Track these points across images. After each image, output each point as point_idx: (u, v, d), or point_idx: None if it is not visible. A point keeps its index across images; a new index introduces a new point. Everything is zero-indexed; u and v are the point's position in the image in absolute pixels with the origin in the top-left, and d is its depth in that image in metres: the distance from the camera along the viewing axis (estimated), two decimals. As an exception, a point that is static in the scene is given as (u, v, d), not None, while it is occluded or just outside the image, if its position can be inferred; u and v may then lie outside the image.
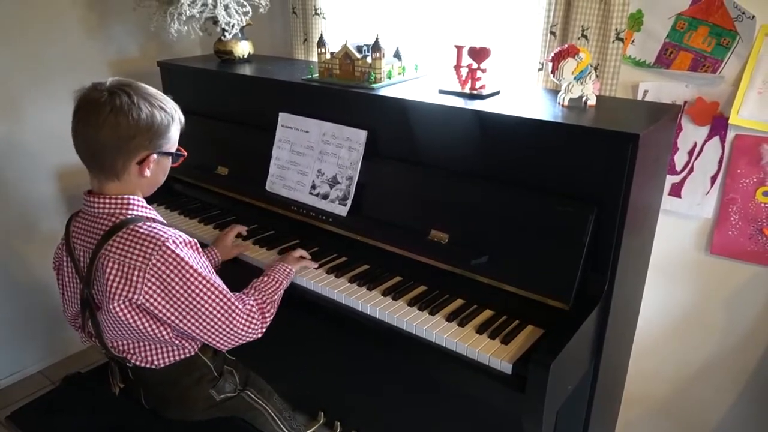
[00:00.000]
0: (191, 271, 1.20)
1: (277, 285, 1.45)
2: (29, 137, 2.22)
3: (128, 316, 1.20)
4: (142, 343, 1.31)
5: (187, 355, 1.35)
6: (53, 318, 2.41)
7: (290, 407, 1.58)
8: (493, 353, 1.28)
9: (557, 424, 1.48)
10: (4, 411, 2.09)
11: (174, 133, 1.30)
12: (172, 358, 1.34)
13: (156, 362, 1.33)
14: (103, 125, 1.18)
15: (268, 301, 1.38)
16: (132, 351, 1.32)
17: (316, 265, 1.62)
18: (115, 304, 1.18)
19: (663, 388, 1.91)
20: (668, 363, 1.87)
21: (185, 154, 1.35)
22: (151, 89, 1.27)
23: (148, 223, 1.23)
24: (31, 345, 2.45)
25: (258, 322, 1.31)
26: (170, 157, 1.32)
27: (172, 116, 1.28)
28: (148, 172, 1.26)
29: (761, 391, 1.75)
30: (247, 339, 1.31)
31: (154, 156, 1.26)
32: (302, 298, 1.56)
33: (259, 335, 1.33)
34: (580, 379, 1.43)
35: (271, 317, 1.36)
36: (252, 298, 1.36)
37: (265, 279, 1.45)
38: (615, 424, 2.00)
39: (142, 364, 1.33)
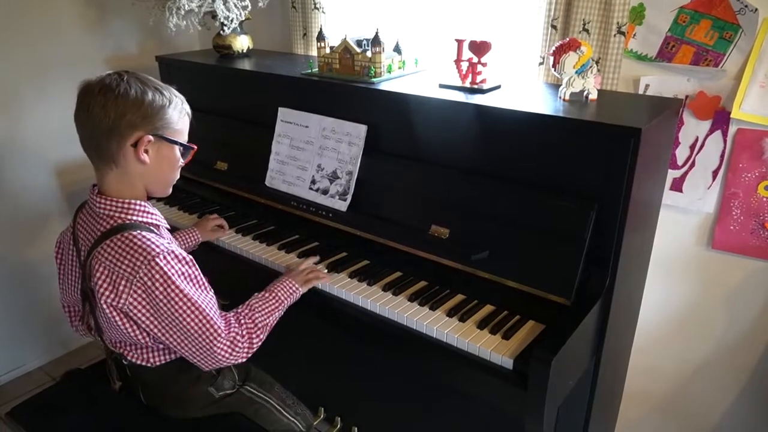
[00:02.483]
0: (177, 290, 1.16)
1: (276, 305, 1.37)
2: (28, 134, 2.21)
3: (116, 316, 1.19)
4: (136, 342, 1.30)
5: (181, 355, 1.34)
6: (53, 314, 2.40)
7: (293, 394, 1.57)
8: (494, 348, 1.27)
9: (558, 419, 1.47)
10: (4, 407, 2.09)
11: (174, 118, 1.24)
12: (167, 357, 1.33)
13: (152, 360, 1.32)
14: (94, 105, 1.17)
15: (260, 325, 1.30)
16: (128, 348, 1.32)
17: (328, 279, 1.55)
18: (103, 304, 1.18)
19: (664, 384, 1.91)
20: (669, 359, 1.87)
21: (194, 147, 1.30)
22: (153, 79, 1.25)
23: (145, 233, 1.20)
24: (31, 341, 2.44)
25: (243, 349, 1.25)
26: (175, 148, 1.26)
27: (170, 99, 1.23)
28: (145, 157, 1.21)
29: (762, 387, 1.74)
30: (230, 363, 1.25)
31: (150, 138, 1.20)
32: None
33: (243, 360, 1.27)
34: (581, 375, 1.43)
35: (260, 342, 1.30)
36: (242, 321, 1.29)
37: (266, 296, 1.38)
38: (615, 420, 2.00)
39: (138, 362, 1.32)
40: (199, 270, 1.25)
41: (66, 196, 2.37)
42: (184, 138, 1.29)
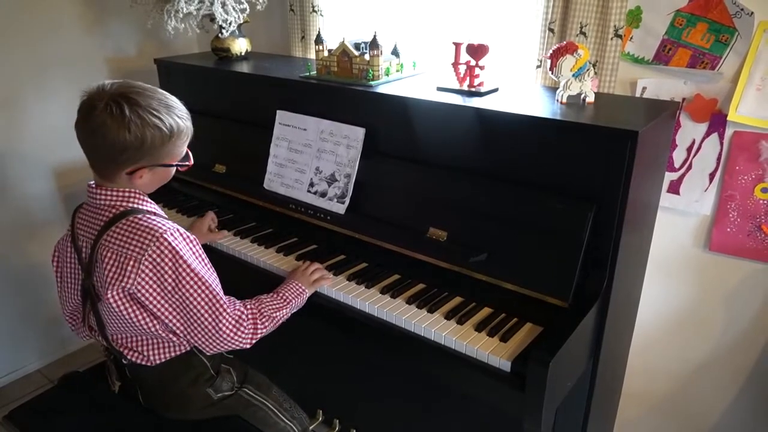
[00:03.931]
0: (184, 265, 1.20)
1: (284, 303, 1.39)
2: (26, 135, 2.21)
3: (121, 306, 1.20)
4: (138, 338, 1.31)
5: (182, 351, 1.35)
6: (51, 317, 2.40)
7: (291, 398, 1.57)
8: (491, 351, 1.27)
9: (557, 420, 1.48)
10: (2, 410, 2.09)
11: (174, 147, 1.26)
12: (167, 354, 1.34)
13: (152, 358, 1.33)
14: (95, 133, 1.19)
15: (265, 314, 1.32)
16: (129, 345, 1.32)
17: (331, 282, 1.55)
18: (110, 294, 1.19)
19: (662, 385, 1.91)
20: (667, 360, 1.87)
21: (189, 164, 1.33)
22: (156, 100, 1.23)
23: (149, 216, 1.24)
24: (29, 344, 2.44)
25: (247, 332, 1.27)
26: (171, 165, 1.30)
27: (170, 132, 1.23)
28: (140, 182, 1.26)
29: (760, 387, 1.75)
30: (233, 346, 1.27)
31: (145, 170, 1.25)
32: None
33: (248, 346, 1.29)
34: (579, 377, 1.43)
35: (265, 331, 1.32)
36: (248, 306, 1.32)
37: (273, 295, 1.40)
38: (614, 421, 2.00)
39: (138, 360, 1.33)
40: (203, 251, 1.28)
41: (65, 197, 2.37)
42: (182, 154, 1.31)
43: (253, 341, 1.30)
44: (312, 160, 1.74)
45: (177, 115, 1.25)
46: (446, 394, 1.68)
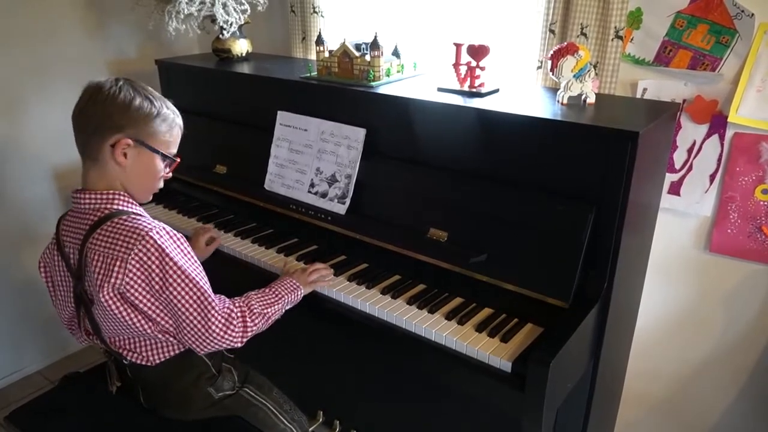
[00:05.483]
0: (171, 263, 1.19)
1: (275, 298, 1.37)
2: (27, 137, 2.21)
3: (114, 306, 1.20)
4: (135, 339, 1.31)
5: (180, 351, 1.34)
6: (51, 318, 2.39)
7: (291, 400, 1.57)
8: (492, 351, 1.28)
9: (557, 421, 1.48)
10: (3, 411, 2.09)
11: (161, 129, 1.27)
12: (165, 354, 1.33)
13: (151, 359, 1.32)
14: (86, 103, 1.24)
15: (256, 311, 1.30)
16: (128, 347, 1.32)
17: (331, 284, 1.54)
18: (101, 295, 1.19)
19: (662, 387, 1.91)
20: (668, 361, 1.87)
21: (176, 159, 1.32)
22: (150, 91, 1.29)
23: (134, 216, 1.24)
24: (29, 345, 2.44)
25: (237, 330, 1.25)
26: (156, 157, 1.28)
27: (158, 110, 1.26)
28: (122, 160, 1.24)
29: (760, 388, 1.75)
30: (224, 345, 1.25)
31: (129, 141, 1.23)
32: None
33: (239, 344, 1.27)
34: (579, 378, 1.43)
35: (256, 329, 1.29)
36: (237, 303, 1.29)
37: (264, 290, 1.38)
38: (614, 423, 2.00)
39: (138, 361, 1.33)
40: (191, 249, 1.28)
41: (65, 199, 2.37)
42: (170, 151, 1.31)
43: (245, 339, 1.28)
44: (313, 160, 1.75)
45: (167, 106, 1.30)
46: (446, 395, 1.68)
